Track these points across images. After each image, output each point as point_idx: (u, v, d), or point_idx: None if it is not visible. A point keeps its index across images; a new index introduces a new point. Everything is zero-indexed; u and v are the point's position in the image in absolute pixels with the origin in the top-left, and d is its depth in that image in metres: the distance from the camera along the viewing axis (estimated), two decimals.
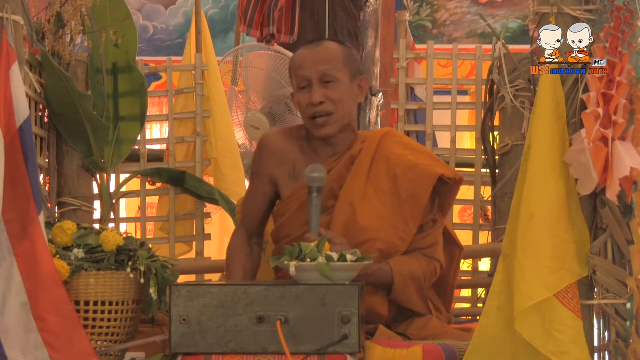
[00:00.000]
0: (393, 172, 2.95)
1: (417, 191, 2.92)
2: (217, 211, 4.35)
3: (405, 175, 2.94)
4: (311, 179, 2.83)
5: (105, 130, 3.64)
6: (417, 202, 2.92)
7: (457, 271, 3.17)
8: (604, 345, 2.67)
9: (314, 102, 2.92)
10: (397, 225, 2.92)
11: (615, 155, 2.50)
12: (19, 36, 2.85)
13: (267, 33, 4.67)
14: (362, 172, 2.96)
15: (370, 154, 2.98)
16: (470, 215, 4.38)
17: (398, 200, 2.92)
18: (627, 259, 2.56)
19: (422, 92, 4.31)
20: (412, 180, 2.93)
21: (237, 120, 4.72)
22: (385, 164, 2.96)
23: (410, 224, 2.92)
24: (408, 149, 3.03)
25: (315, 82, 2.93)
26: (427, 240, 2.98)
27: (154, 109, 6.63)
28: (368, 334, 2.80)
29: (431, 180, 2.92)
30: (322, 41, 3.06)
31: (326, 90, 2.93)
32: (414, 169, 2.94)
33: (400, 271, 2.90)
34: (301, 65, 2.96)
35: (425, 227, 2.98)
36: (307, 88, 2.95)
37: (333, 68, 2.94)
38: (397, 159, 2.97)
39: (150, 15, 8.68)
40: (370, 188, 2.95)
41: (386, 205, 2.93)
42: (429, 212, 2.98)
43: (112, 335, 2.88)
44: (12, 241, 2.64)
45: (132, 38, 3.76)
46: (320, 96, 2.92)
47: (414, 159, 2.98)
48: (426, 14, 8.74)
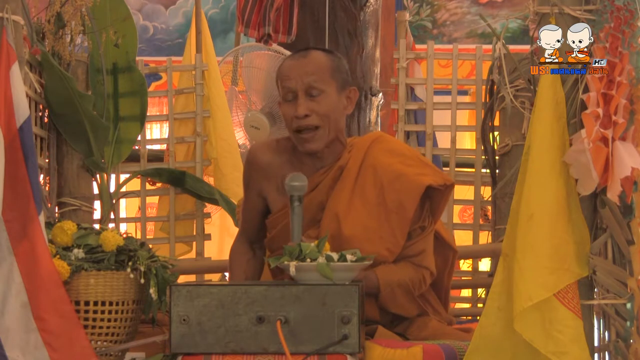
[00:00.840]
0: (380, 181, 2.88)
1: (403, 201, 2.84)
2: (217, 211, 4.35)
3: (391, 185, 2.86)
4: (291, 188, 2.75)
5: (105, 130, 3.64)
6: (404, 213, 2.84)
7: (451, 273, 3.12)
8: (604, 345, 2.67)
9: (298, 115, 2.84)
10: (383, 235, 2.85)
11: (616, 155, 2.50)
12: (19, 36, 2.85)
13: (264, 33, 4.66)
14: (349, 183, 2.90)
15: (357, 163, 2.91)
16: (470, 215, 4.38)
17: (385, 210, 2.86)
18: (627, 259, 2.57)
19: (422, 92, 4.30)
20: (398, 191, 2.85)
21: (237, 120, 4.71)
22: (372, 173, 2.90)
23: (397, 235, 2.85)
24: (396, 156, 2.94)
25: (301, 94, 2.85)
26: (415, 248, 2.91)
27: (154, 109, 6.63)
28: (367, 334, 2.80)
29: (418, 191, 2.84)
30: (309, 50, 2.94)
31: (312, 103, 2.85)
32: (400, 178, 2.86)
33: (386, 279, 2.85)
34: (287, 76, 2.88)
35: (413, 235, 2.91)
36: (293, 100, 2.87)
37: (319, 80, 2.85)
38: (383, 169, 2.89)
39: (150, 15, 8.67)
40: (356, 198, 2.89)
41: (372, 215, 2.86)
42: (417, 219, 2.90)
43: (112, 335, 2.88)
44: (12, 241, 2.64)
45: (132, 38, 3.76)
46: (305, 109, 2.84)
47: (402, 167, 2.90)
48: (426, 14, 8.74)
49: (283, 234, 2.89)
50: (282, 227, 2.93)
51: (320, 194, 2.91)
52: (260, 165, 2.99)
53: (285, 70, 2.90)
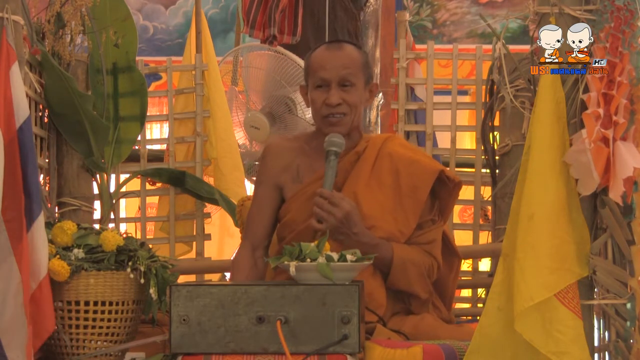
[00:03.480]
0: (395, 167, 3.03)
1: (418, 185, 3.00)
2: (217, 211, 4.35)
3: (406, 169, 3.02)
4: (330, 143, 2.94)
5: (105, 130, 3.64)
6: (417, 196, 3.00)
7: (455, 279, 3.21)
8: (604, 345, 2.67)
9: (331, 104, 3.01)
10: (397, 217, 3.00)
11: (617, 155, 2.50)
12: (19, 36, 2.85)
13: (269, 34, 4.67)
14: (366, 167, 3.04)
15: (375, 152, 3.06)
16: (470, 215, 4.38)
17: (399, 193, 3.00)
18: (627, 259, 2.56)
19: (422, 92, 4.30)
20: (413, 174, 3.02)
21: (237, 120, 4.71)
22: (388, 160, 3.05)
23: (410, 218, 3.00)
24: (410, 149, 3.14)
25: (334, 84, 3.01)
26: (426, 237, 3.04)
27: (154, 109, 6.62)
28: (366, 332, 2.80)
29: (431, 175, 3.01)
30: (341, 44, 3.11)
31: (343, 93, 3.01)
32: (415, 163, 3.03)
33: (400, 253, 2.97)
34: (322, 66, 3.02)
35: (424, 225, 3.05)
36: (325, 88, 3.03)
37: (352, 73, 3.02)
38: (399, 155, 3.05)
39: (150, 15, 8.68)
40: (373, 181, 3.03)
41: (388, 197, 3.00)
42: (428, 211, 3.05)
43: (112, 335, 2.88)
44: (12, 241, 2.64)
45: (132, 38, 3.76)
46: (338, 98, 3.00)
47: (416, 156, 3.08)
48: (426, 14, 8.74)
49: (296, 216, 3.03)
50: (296, 208, 3.04)
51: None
52: (278, 156, 3.14)
53: (320, 60, 3.05)
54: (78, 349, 2.85)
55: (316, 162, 3.04)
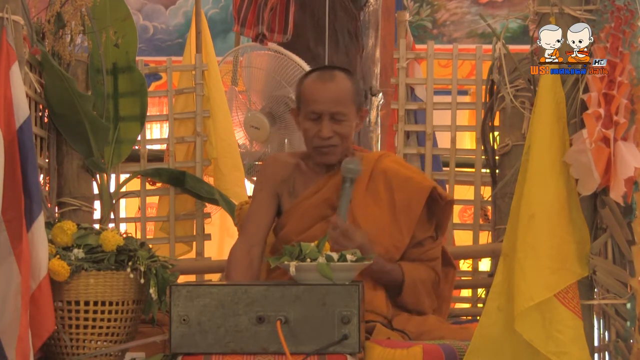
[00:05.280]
0: (390, 183, 3.07)
1: (411, 201, 3.05)
2: (217, 211, 4.35)
3: (400, 186, 3.07)
4: (347, 170, 2.98)
5: (105, 130, 3.64)
6: (411, 212, 3.05)
7: (451, 289, 3.26)
8: (604, 345, 2.67)
9: (323, 137, 3.04)
10: (393, 232, 3.04)
11: (619, 155, 2.50)
12: (19, 36, 2.85)
13: (257, 32, 4.65)
14: (362, 184, 3.07)
15: (368, 171, 3.09)
16: (470, 215, 4.38)
17: (394, 209, 3.05)
18: (628, 259, 2.56)
19: (422, 92, 4.30)
20: (406, 191, 3.06)
21: (237, 120, 4.71)
22: (383, 178, 3.08)
23: (404, 233, 3.05)
24: (403, 167, 3.19)
25: (326, 117, 3.04)
26: (429, 254, 3.10)
27: (154, 109, 6.62)
28: (366, 332, 2.80)
29: (424, 192, 3.05)
30: (333, 72, 3.10)
31: (335, 125, 3.04)
32: (409, 181, 3.08)
33: (410, 274, 3.03)
34: (314, 100, 3.04)
35: (425, 243, 3.11)
36: (317, 120, 3.05)
37: (344, 106, 3.04)
38: (393, 172, 3.10)
39: (150, 15, 8.67)
40: (369, 197, 3.07)
41: (384, 212, 3.05)
42: (427, 228, 3.11)
43: (112, 335, 2.88)
44: (12, 241, 2.63)
45: (132, 38, 3.76)
46: (329, 131, 3.04)
47: (410, 173, 3.13)
48: (426, 14, 8.74)
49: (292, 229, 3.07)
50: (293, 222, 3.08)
51: (328, 192, 3.08)
52: (279, 167, 3.19)
53: (312, 93, 3.07)
54: (78, 349, 2.85)
55: (310, 180, 3.11)
